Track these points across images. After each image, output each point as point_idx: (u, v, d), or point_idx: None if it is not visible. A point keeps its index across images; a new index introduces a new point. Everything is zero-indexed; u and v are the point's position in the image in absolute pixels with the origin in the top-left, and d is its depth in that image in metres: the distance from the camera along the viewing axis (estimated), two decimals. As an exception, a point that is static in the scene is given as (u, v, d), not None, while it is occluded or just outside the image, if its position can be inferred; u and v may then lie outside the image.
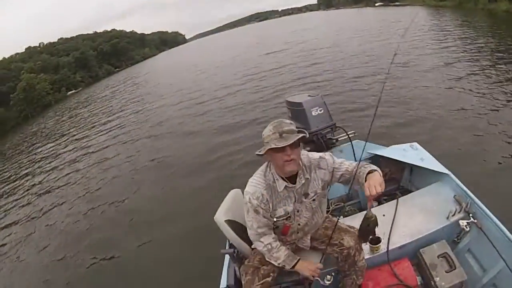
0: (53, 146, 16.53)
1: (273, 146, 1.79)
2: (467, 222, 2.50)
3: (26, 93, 47.37)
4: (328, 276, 2.37)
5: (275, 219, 2.07)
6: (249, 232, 2.13)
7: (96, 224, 6.79)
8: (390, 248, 2.45)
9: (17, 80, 50.74)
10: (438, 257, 2.39)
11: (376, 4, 59.60)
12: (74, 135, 17.22)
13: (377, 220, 1.94)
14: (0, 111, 42.89)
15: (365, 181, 1.85)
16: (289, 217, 2.09)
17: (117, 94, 29.43)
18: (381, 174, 1.88)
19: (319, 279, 2.16)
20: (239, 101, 12.76)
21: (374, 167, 1.94)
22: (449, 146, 5.43)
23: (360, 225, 1.99)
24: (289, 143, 1.78)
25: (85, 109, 26.66)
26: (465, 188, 2.69)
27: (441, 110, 7.06)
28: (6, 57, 69.95)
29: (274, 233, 2.14)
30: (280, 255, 2.10)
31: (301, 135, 1.84)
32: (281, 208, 2.05)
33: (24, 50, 75.67)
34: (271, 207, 2.03)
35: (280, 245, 2.11)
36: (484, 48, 11.88)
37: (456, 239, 2.61)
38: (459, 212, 2.57)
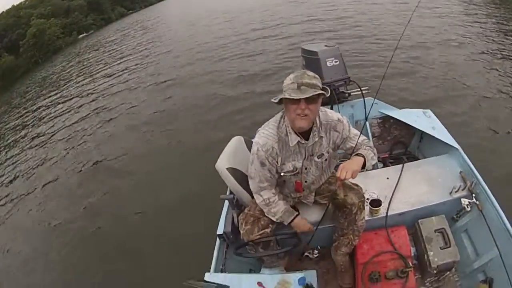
0: (58, 93, 15.93)
1: (287, 96, 1.66)
2: (469, 202, 2.36)
3: (36, 38, 46.01)
4: (316, 251, 2.63)
5: (282, 173, 1.99)
6: (250, 182, 2.03)
7: (97, 172, 6.85)
8: (389, 214, 2.37)
9: (27, 27, 48.94)
10: (435, 231, 2.31)
11: None
12: (80, 81, 16.71)
13: (345, 200, 2.08)
14: (9, 59, 41.98)
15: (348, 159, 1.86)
16: (298, 173, 2.01)
17: (127, 38, 27.70)
18: (364, 165, 1.84)
19: (308, 254, 2.60)
20: (253, 49, 12.12)
21: (367, 152, 1.89)
22: (464, 122, 5.01)
23: (330, 196, 2.21)
24: (304, 97, 1.63)
25: (94, 53, 25.42)
26: (472, 167, 2.54)
27: (463, 83, 6.42)
28: (15, 4, 67.52)
29: (281, 189, 2.13)
30: (277, 210, 2.05)
31: (320, 91, 1.68)
32: (290, 163, 1.96)
33: (33, -4, 72.29)
34: (279, 161, 1.93)
35: (278, 200, 2.05)
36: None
37: (455, 217, 2.50)
38: (462, 190, 2.43)
